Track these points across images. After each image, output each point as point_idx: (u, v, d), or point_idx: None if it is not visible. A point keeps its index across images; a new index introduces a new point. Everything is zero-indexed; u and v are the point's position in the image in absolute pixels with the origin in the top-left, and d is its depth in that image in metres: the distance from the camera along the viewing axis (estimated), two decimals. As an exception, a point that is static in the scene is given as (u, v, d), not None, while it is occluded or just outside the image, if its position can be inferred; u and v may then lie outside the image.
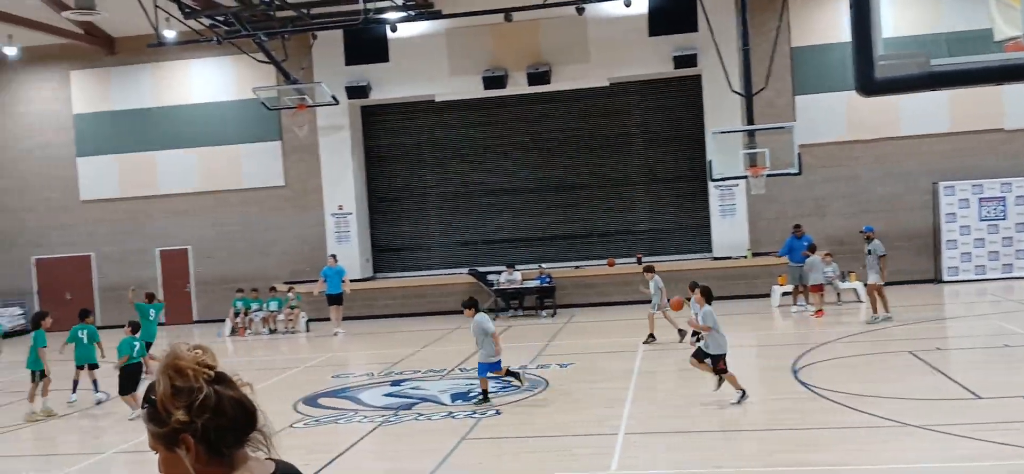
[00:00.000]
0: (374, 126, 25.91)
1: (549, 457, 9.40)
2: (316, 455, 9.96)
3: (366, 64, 24.26)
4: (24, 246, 26.42)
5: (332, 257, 22.65)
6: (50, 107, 26.13)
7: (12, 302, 26.07)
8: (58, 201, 26.16)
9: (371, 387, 14.04)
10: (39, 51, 25.63)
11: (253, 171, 25.38)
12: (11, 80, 26.24)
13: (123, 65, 25.65)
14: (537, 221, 25.52)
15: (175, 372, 2.13)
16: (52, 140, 26.13)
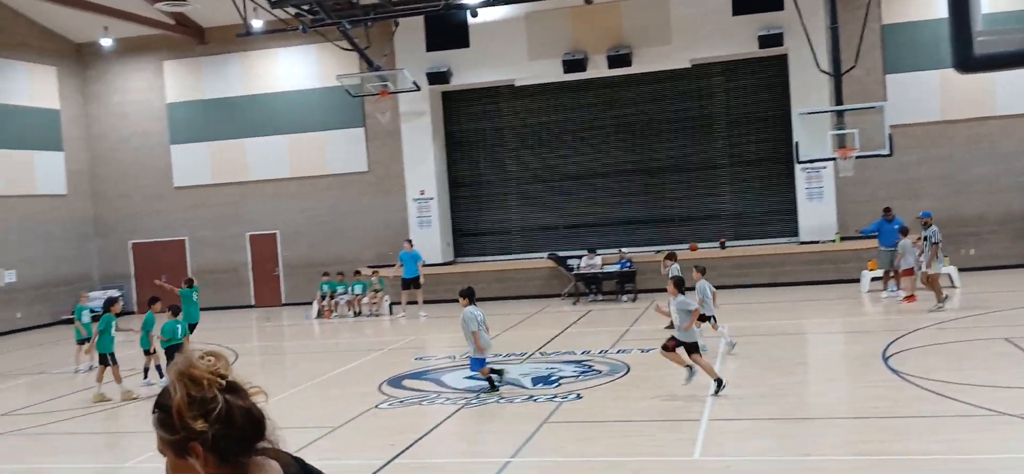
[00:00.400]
0: (455, 111, 26.10)
1: (631, 442, 9.37)
2: (401, 436, 10.14)
3: (447, 50, 24.44)
4: (122, 231, 27.50)
5: (408, 242, 22.95)
6: (144, 97, 27.09)
7: (111, 285, 27.19)
8: (153, 188, 27.14)
9: (453, 370, 14.20)
10: (133, 42, 26.59)
11: (338, 157, 25.87)
12: (106, 71, 27.28)
13: (213, 55, 26.41)
14: (618, 205, 25.36)
15: (190, 381, 2.16)
16: (147, 129, 27.09)
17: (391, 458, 9.20)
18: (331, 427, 10.87)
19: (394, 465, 9.00)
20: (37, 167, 25.61)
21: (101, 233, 27.63)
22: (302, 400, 12.92)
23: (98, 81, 27.40)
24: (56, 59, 26.43)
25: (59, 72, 26.53)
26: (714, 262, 23.27)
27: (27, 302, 24.76)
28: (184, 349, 2.57)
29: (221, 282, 26.82)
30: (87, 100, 27.45)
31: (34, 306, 25.05)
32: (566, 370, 13.43)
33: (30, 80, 25.50)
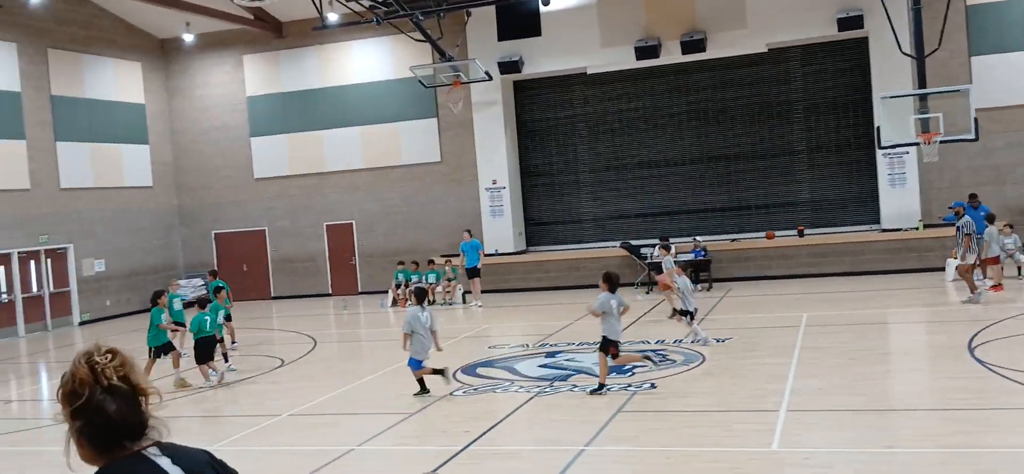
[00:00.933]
0: (526, 101, 26.13)
1: (707, 432, 9.28)
2: (475, 422, 10.24)
3: (519, 39, 24.47)
4: (205, 221, 28.32)
5: (467, 232, 23.10)
6: (225, 90, 27.80)
7: (195, 274, 28.05)
8: (234, 179, 27.86)
9: (526, 358, 14.26)
10: (214, 37, 27.31)
11: (411, 148, 26.17)
12: (188, 66, 28.07)
13: (290, 48, 26.96)
14: (691, 193, 25.08)
15: (72, 376, 2.41)
16: (228, 121, 27.81)
17: (466, 444, 9.30)
18: (408, 413, 11.04)
19: (469, 452, 9.10)
20: (124, 160, 26.54)
21: (185, 223, 28.50)
22: (379, 386, 13.14)
23: (181, 76, 28.22)
24: (140, 55, 27.32)
25: (144, 67, 27.41)
26: (792, 250, 22.89)
27: (116, 290, 25.70)
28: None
29: (299, 271, 27.42)
30: (170, 94, 28.30)
31: (123, 294, 25.98)
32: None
33: (117, 75, 26.41)
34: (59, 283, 24.41)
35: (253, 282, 27.65)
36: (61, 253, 24.51)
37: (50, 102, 24.22)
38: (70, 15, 24.88)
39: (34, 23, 23.73)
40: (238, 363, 15.67)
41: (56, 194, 24.24)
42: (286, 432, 10.90)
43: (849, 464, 7.92)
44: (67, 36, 24.79)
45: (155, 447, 2.46)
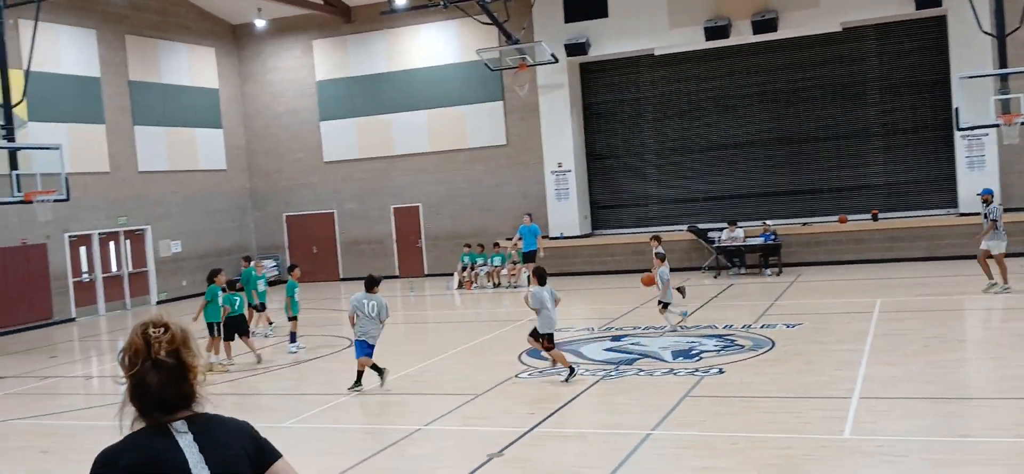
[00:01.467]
0: (593, 83, 25.98)
1: (777, 418, 9.15)
2: (540, 405, 10.27)
3: (585, 21, 24.31)
4: (276, 204, 28.89)
5: (528, 215, 23.06)
6: (295, 75, 28.26)
7: (267, 256, 28.65)
8: (305, 162, 28.34)
9: (592, 341, 14.24)
10: (284, 23, 27.77)
11: (477, 130, 26.26)
12: (260, 51, 28.59)
13: (359, 33, 27.26)
14: (762, 176, 24.67)
15: (129, 345, 2.61)
16: (298, 106, 28.27)
17: (532, 426, 9.33)
18: (474, 394, 11.13)
19: (535, 433, 9.13)
20: (199, 144, 27.20)
21: (257, 206, 29.12)
22: (445, 367, 13.26)
23: (253, 61, 28.77)
24: (214, 41, 27.92)
25: (217, 53, 28.01)
26: (865, 234, 22.36)
27: (191, 271, 26.39)
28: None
29: (367, 253, 27.79)
30: (243, 79, 28.88)
31: (198, 274, 26.61)
32: (707, 344, 13.23)
33: (191, 61, 27.05)
34: (137, 263, 25.18)
35: (322, 264, 28.13)
36: (139, 234, 25.27)
37: (128, 87, 24.93)
38: (146, 2, 25.54)
39: (112, 10, 24.42)
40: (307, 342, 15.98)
41: (134, 177, 24.98)
42: (354, 411, 11.08)
43: (923, 453, 7.73)
44: (144, 23, 25.46)
45: (183, 422, 2.59)
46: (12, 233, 21.39)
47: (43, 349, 18.49)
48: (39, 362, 16.84)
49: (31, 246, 21.86)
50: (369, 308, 11.77)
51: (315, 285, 27.50)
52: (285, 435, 10.19)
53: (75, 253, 23.37)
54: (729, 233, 22.38)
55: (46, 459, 9.83)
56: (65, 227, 22.63)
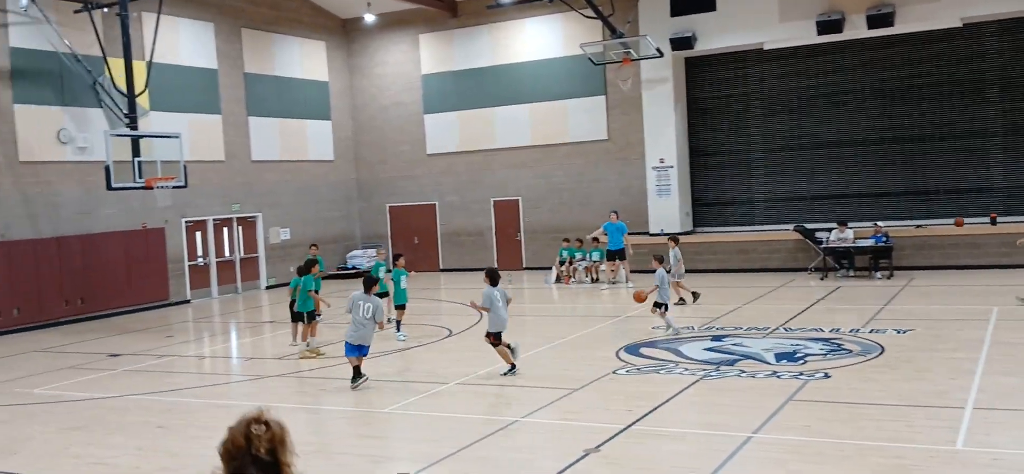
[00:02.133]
0: (698, 77, 25.58)
1: (885, 426, 8.85)
2: (638, 402, 10.20)
3: (692, 14, 23.95)
4: (380, 194, 29.51)
5: (614, 213, 22.87)
6: (402, 69, 28.78)
7: (370, 245, 29.31)
8: (409, 154, 28.85)
9: (692, 340, 14.05)
10: (393, 17, 28.31)
11: (579, 125, 26.22)
12: (368, 45, 29.22)
13: (465, 27, 27.56)
14: (873, 176, 23.85)
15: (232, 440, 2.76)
16: (403, 99, 28.79)
17: (629, 423, 9.28)
18: (570, 388, 11.13)
19: (632, 431, 9.08)
20: (309, 135, 28.00)
21: (363, 196, 29.80)
22: (543, 360, 13.31)
23: (361, 54, 29.43)
24: (325, 34, 28.68)
25: (328, 46, 28.78)
26: (982, 238, 21.38)
27: (299, 257, 27.02)
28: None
29: (466, 245, 28.12)
30: (352, 72, 29.58)
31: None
32: (813, 348, 12.88)
33: (303, 54, 27.86)
34: (249, 249, 26.12)
35: (424, 254, 28.60)
36: (251, 221, 26.20)
37: (243, 79, 25.85)
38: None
39: (229, 4, 25.35)
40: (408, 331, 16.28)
41: (247, 166, 25.90)
42: (454, 400, 11.24)
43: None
44: (259, 17, 26.35)
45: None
46: (134, 217, 22.48)
47: (160, 329, 19.39)
48: (156, 341, 17.67)
49: (151, 230, 22.94)
50: (364, 310, 11.70)
51: (415, 275, 27.99)
52: (386, 421, 10.43)
53: (191, 238, 24.40)
54: (838, 234, 21.70)
55: (162, 434, 10.30)
56: (182, 213, 23.66)
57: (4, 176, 19.75)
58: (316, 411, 11.21)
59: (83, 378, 14.10)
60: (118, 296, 21.90)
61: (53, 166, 20.71)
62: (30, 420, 11.30)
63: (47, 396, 12.74)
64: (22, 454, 9.69)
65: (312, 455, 9.03)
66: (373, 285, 12.12)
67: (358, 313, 11.73)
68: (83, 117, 21.22)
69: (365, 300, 11.77)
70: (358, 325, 11.70)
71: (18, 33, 20.02)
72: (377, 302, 11.80)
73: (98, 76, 20.73)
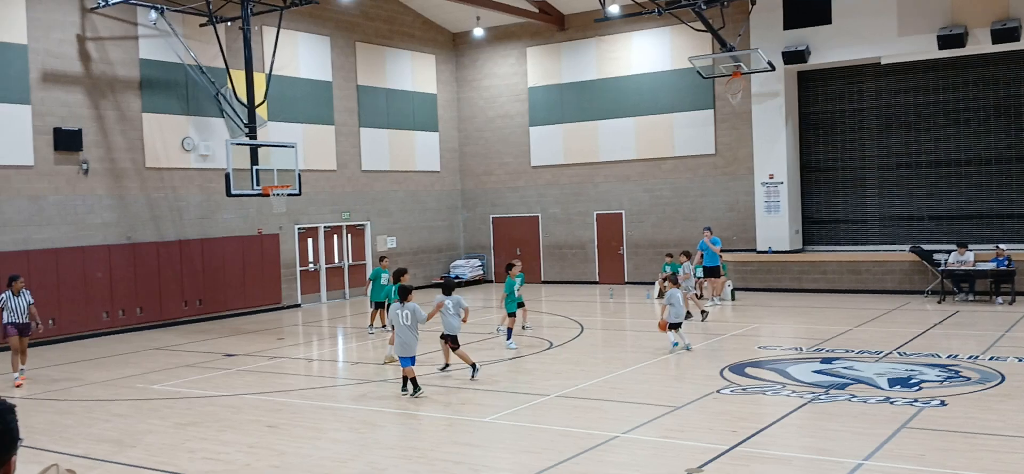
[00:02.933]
0: (811, 92, 24.95)
1: (1003, 458, 8.42)
2: (743, 423, 10.00)
3: (806, 27, 23.40)
4: (484, 205, 29.83)
5: (707, 230, 22.47)
6: (509, 81, 29.06)
7: (474, 255, 29.67)
8: (513, 166, 29.09)
9: (800, 362, 13.68)
10: (501, 31, 28.63)
11: (685, 139, 25.92)
12: (477, 58, 29.62)
13: (572, 40, 27.65)
14: (996, 196, 22.76)
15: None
16: (509, 111, 29.06)
17: (733, 445, 9.11)
18: (672, 406, 11.00)
19: (736, 453, 8.90)
20: (417, 146, 28.57)
21: (467, 207, 30.20)
22: (644, 376, 13.19)
23: (469, 67, 29.87)
24: (434, 48, 29.23)
25: (437, 59, 29.32)
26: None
27: (404, 264, 27.73)
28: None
29: (568, 257, 28.13)
30: (459, 85, 30.04)
31: (411, 269, 27.95)
32: (928, 374, 12.37)
33: (413, 67, 28.47)
34: (357, 256, 26.80)
35: (525, 265, 28.57)
36: (360, 229, 26.88)
37: (356, 91, 26.59)
38: (376, 11, 27.14)
39: (345, 19, 26.13)
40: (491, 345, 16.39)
41: (358, 175, 26.60)
42: (554, 412, 11.26)
43: None
44: (373, 31, 27.07)
45: None
46: (251, 223, 23.38)
47: (272, 331, 20.09)
48: (268, 343, 18.31)
49: (266, 236, 23.80)
50: (404, 318, 12.01)
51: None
52: (486, 430, 10.52)
53: (303, 244, 25.20)
54: (957, 256, 20.77)
55: (273, 433, 10.67)
56: (296, 220, 24.47)
57: (132, 181, 20.85)
58: (417, 417, 11.40)
59: (199, 376, 14.74)
60: (234, 298, 22.80)
61: (177, 172, 21.75)
62: (150, 415, 11.88)
63: (166, 392, 13.37)
64: (141, 447, 10.19)
65: (412, 461, 9.20)
66: (408, 294, 12.42)
67: (399, 323, 12.09)
68: (206, 126, 22.23)
69: (403, 309, 12.12)
70: (403, 335, 12.04)
71: (148, 46, 21.13)
72: (415, 308, 12.13)
73: (221, 87, 21.68)
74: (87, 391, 13.73)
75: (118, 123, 20.57)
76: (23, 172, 18.80)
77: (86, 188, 19.90)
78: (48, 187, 19.24)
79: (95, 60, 20.17)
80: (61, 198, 19.45)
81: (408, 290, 12.44)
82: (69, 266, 19.45)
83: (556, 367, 14.34)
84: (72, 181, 19.65)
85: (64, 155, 19.48)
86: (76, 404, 12.74)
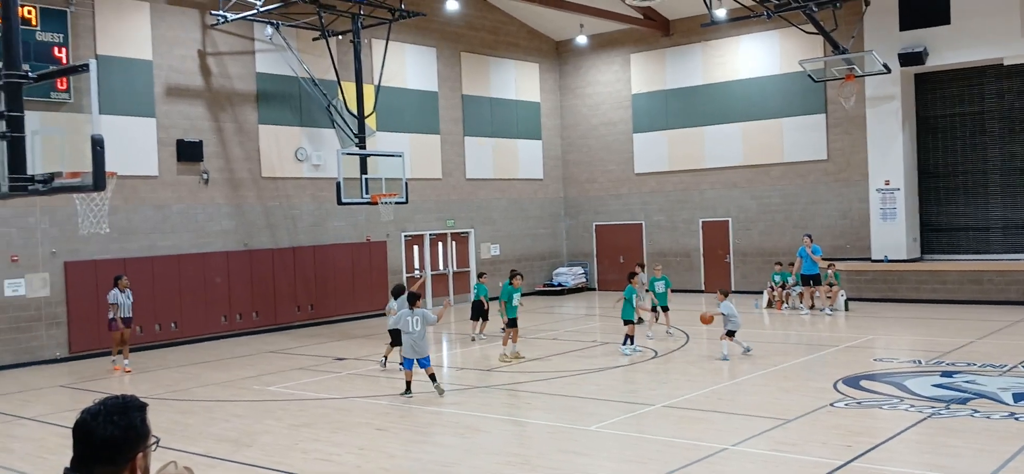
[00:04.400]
0: (929, 95, 23.98)
1: None
2: (858, 438, 9.69)
3: (923, 28, 22.52)
4: (587, 213, 29.78)
5: (807, 237, 21.86)
6: (612, 88, 28.95)
7: (577, 263, 29.65)
8: (616, 173, 28.95)
9: (918, 375, 13.15)
10: (604, 38, 28.57)
11: (795, 144, 25.28)
12: (580, 65, 29.63)
13: (677, 46, 27.35)
14: None
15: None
16: (613, 118, 28.94)
17: (847, 460, 8.83)
18: (783, 419, 10.73)
19: (851, 468, 8.63)
20: (520, 154, 28.76)
21: (570, 214, 30.20)
22: (752, 388, 12.92)
23: (572, 75, 29.89)
24: (538, 57, 29.38)
25: (540, 68, 29.46)
26: None
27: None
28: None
29: (673, 265, 27.75)
30: (563, 93, 30.10)
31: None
32: (1059, 390, 11.71)
33: (517, 76, 28.69)
34: (461, 263, 27.14)
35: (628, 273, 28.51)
36: (464, 237, 27.22)
37: (461, 101, 26.96)
38: (481, 22, 27.48)
39: (451, 30, 26.55)
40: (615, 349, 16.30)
41: (462, 183, 26.95)
42: (660, 422, 11.14)
43: None
44: (478, 41, 27.41)
45: None
46: (359, 231, 23.98)
47: (380, 336, 20.49)
48: (377, 347, 18.71)
49: (374, 243, 24.36)
50: (413, 323, 12.66)
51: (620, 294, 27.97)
52: (592, 438, 10.49)
53: (409, 251, 25.68)
54: (1091, 266, 19.60)
55: (382, 435, 10.91)
56: (402, 227, 24.97)
57: (249, 190, 21.68)
58: (523, 424, 11.47)
59: (311, 379, 15.20)
60: (343, 304, 23.41)
61: (290, 182, 22.50)
62: (265, 415, 12.31)
63: (280, 394, 13.83)
64: (257, 447, 10.57)
65: (516, 467, 9.26)
66: (417, 300, 13.14)
67: (408, 327, 12.71)
68: (318, 136, 22.93)
69: (412, 314, 12.77)
70: (412, 338, 12.68)
71: (264, 60, 21.95)
72: (423, 312, 12.88)
73: (332, 99, 22.34)
74: (207, 392, 14.34)
75: (236, 135, 21.43)
76: (149, 182, 19.78)
77: (206, 197, 20.80)
78: (172, 196, 20.19)
79: (215, 74, 21.08)
80: (183, 206, 20.38)
81: (416, 297, 13.27)
82: (190, 272, 20.36)
83: (661, 377, 14.19)
84: (193, 190, 20.58)
85: (186, 166, 20.41)
86: (197, 404, 13.32)
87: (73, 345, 18.35)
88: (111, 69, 18.63)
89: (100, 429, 2.79)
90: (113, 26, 19.20)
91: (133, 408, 2.88)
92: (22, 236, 17.79)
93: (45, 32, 17.90)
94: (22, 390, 15.24)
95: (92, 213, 13.23)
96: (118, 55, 19.20)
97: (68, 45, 18.20)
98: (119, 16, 19.32)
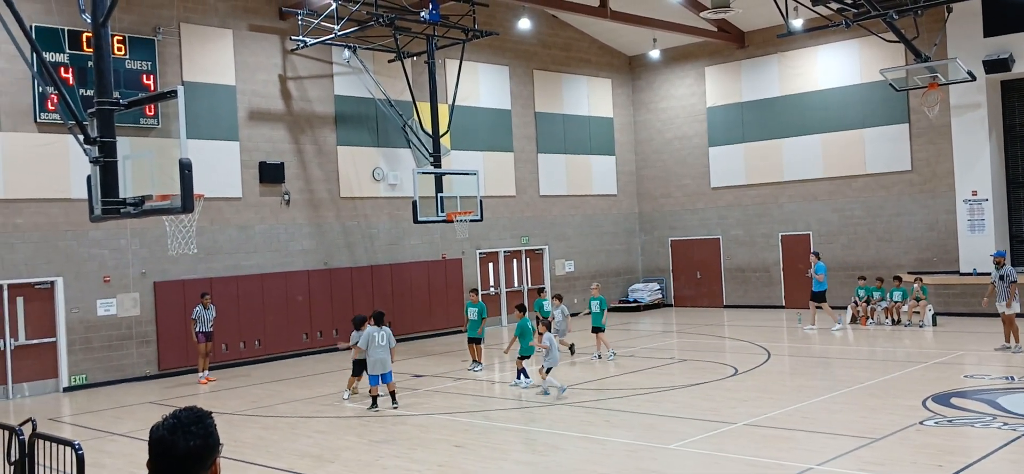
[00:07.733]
0: (1016, 102, 23.16)
1: None
2: (949, 457, 9.37)
3: (1009, 35, 21.79)
4: (662, 228, 29.52)
5: (814, 255, 21.45)
6: (686, 102, 28.70)
7: (652, 279, 29.40)
8: (692, 187, 28.65)
9: (1012, 392, 12.67)
10: (678, 52, 28.36)
11: (877, 155, 24.66)
12: (653, 80, 29.46)
13: (752, 58, 26.99)
14: None
15: None
16: (688, 132, 28.68)
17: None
18: (871, 438, 10.44)
19: (942, 488, 8.35)
20: (594, 170, 28.70)
21: (644, 230, 29.98)
22: (838, 407, 12.60)
23: (646, 89, 29.74)
24: (610, 72, 29.33)
25: (613, 83, 29.40)
26: None
27: (582, 289, 27.83)
28: None
29: (751, 280, 27.32)
30: (636, 108, 29.97)
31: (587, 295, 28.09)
32: None
33: (590, 92, 28.68)
34: (536, 280, 27.16)
35: (706, 289, 28.20)
36: (538, 253, 27.26)
37: (534, 118, 27.07)
38: (553, 39, 27.58)
39: (523, 48, 26.71)
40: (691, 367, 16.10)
41: (536, 200, 27.02)
42: (741, 441, 10.95)
43: None
44: (550, 58, 27.51)
45: None
46: (435, 249, 24.23)
47: (457, 353, 20.66)
48: (454, 364, 18.87)
49: (450, 260, 24.58)
50: (379, 339, 13.56)
51: (697, 310, 27.66)
52: (671, 457, 10.37)
53: (484, 268, 25.83)
54: None
55: (459, 453, 10.98)
56: (477, 244, 25.14)
57: (328, 210, 22.13)
58: (601, 442, 11.40)
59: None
60: (420, 321, 23.66)
61: (368, 201, 22.89)
62: (346, 432, 12.51)
63: (360, 410, 14.04)
64: (339, 462, 10.74)
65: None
66: (384, 318, 14.14)
67: (374, 344, 13.54)
68: (394, 156, 23.29)
69: (379, 332, 13.66)
70: (377, 354, 13.51)
71: (342, 82, 22.42)
72: (388, 332, 13.81)
73: (407, 119, 22.69)
74: (290, 408, 14.64)
75: (316, 156, 21.91)
76: (233, 203, 20.36)
77: (288, 217, 21.30)
78: (255, 217, 20.73)
79: (295, 98, 21.62)
80: (266, 227, 20.91)
81: (382, 316, 14.22)
82: (273, 290, 20.85)
83: (742, 394, 13.95)
84: (275, 211, 21.09)
85: (268, 187, 20.95)
86: (281, 420, 13.61)
87: (162, 362, 18.96)
88: (196, 95, 19.26)
89: (182, 442, 2.80)
90: (198, 53, 19.87)
91: (206, 416, 2.92)
92: (114, 257, 18.49)
93: (134, 60, 18.64)
94: (114, 406, 15.80)
95: (180, 234, 13.71)
96: (203, 81, 19.85)
97: (156, 72, 18.91)
98: (204, 43, 19.99)
